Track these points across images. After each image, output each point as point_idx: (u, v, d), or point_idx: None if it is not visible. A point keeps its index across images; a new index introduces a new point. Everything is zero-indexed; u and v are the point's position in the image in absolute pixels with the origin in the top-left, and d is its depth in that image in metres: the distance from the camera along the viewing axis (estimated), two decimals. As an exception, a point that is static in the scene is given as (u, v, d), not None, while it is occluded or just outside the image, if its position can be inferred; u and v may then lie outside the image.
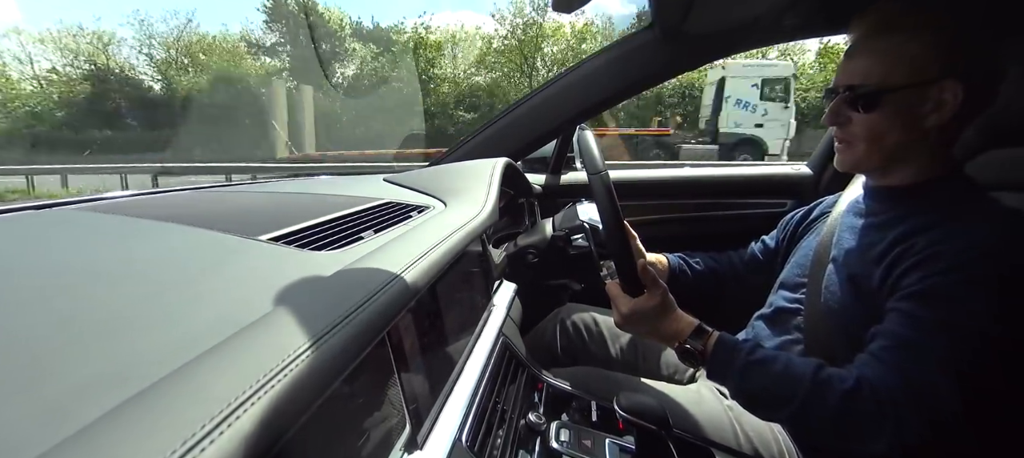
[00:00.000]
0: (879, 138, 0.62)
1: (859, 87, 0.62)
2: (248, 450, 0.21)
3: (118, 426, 0.19)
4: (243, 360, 0.24)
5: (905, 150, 0.63)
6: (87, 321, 0.28)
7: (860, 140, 0.64)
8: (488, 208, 0.72)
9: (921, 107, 0.59)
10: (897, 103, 0.60)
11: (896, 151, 0.63)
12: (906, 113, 0.60)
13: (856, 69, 0.62)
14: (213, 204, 0.66)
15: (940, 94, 0.57)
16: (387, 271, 0.40)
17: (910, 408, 0.50)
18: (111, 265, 0.38)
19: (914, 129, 0.60)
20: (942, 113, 0.58)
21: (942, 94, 0.57)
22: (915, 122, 0.60)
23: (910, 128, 0.60)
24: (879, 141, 0.63)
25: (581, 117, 1.15)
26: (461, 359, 0.62)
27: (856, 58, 0.63)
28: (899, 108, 0.60)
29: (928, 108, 0.59)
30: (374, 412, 0.40)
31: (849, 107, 0.64)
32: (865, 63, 0.61)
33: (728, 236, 1.14)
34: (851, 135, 0.65)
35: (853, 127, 0.64)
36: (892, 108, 0.60)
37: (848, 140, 0.66)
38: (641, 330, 0.71)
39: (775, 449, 0.69)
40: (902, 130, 0.61)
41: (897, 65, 0.59)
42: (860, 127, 0.63)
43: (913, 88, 0.58)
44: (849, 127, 0.65)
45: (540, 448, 0.58)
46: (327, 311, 0.31)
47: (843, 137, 0.67)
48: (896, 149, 0.63)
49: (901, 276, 0.57)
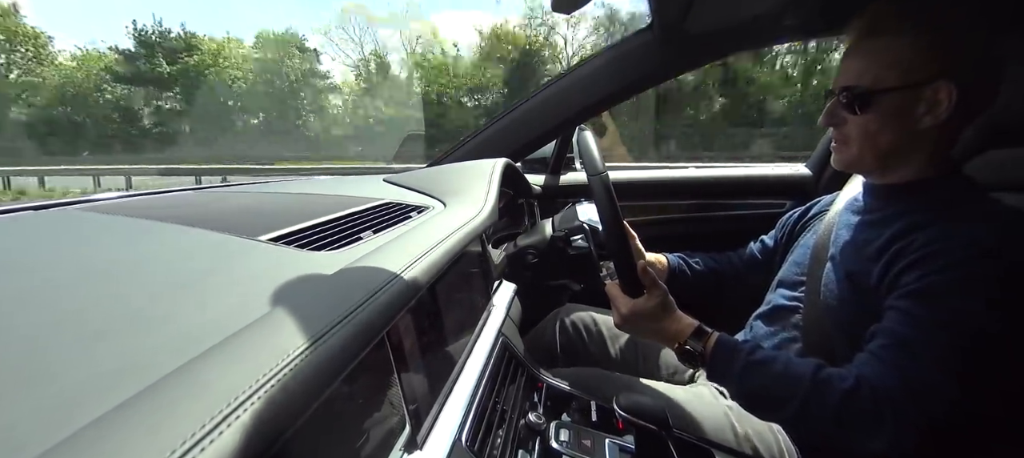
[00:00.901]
0: (873, 138, 0.63)
1: (854, 88, 0.62)
2: (248, 449, 0.21)
3: (118, 425, 0.19)
4: (243, 360, 0.24)
5: (900, 150, 0.63)
6: (87, 320, 0.28)
7: (855, 140, 0.65)
8: (488, 208, 0.72)
9: (915, 108, 0.59)
10: (890, 104, 0.60)
11: (891, 151, 0.63)
12: (900, 114, 0.60)
13: (851, 70, 0.63)
14: (213, 204, 0.66)
15: (934, 95, 0.58)
16: (387, 271, 0.40)
17: (909, 407, 0.50)
18: (111, 265, 0.38)
19: (908, 129, 0.61)
20: (936, 114, 0.58)
21: (936, 95, 0.57)
22: (909, 123, 0.60)
23: (904, 129, 0.61)
24: (873, 141, 0.63)
25: (580, 117, 1.15)
26: (461, 359, 0.62)
27: (851, 59, 0.63)
28: (892, 109, 0.60)
29: (922, 109, 0.59)
30: (374, 412, 0.40)
31: (844, 109, 0.64)
32: (860, 64, 0.62)
33: (728, 236, 1.14)
34: (846, 135, 0.66)
35: (848, 128, 0.65)
36: (885, 109, 0.61)
37: (843, 140, 0.67)
38: (641, 331, 0.71)
39: (775, 449, 0.69)
40: (896, 131, 0.61)
41: (890, 67, 0.59)
42: (854, 128, 0.64)
43: (906, 89, 0.59)
44: (844, 128, 0.66)
45: (540, 448, 0.57)
46: (327, 311, 0.31)
47: (839, 137, 0.68)
48: (891, 149, 0.63)
49: (899, 274, 0.57)
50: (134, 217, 0.52)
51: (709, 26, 1.01)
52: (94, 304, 0.30)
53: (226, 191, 0.84)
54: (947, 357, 0.51)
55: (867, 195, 0.71)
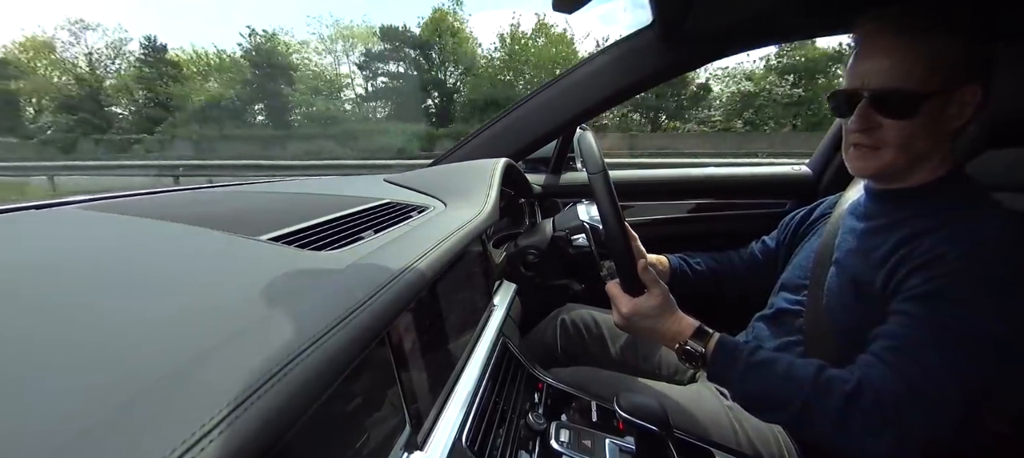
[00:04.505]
0: (910, 144, 0.59)
1: (892, 91, 0.57)
2: (248, 450, 0.21)
3: (118, 425, 0.19)
4: (243, 360, 0.24)
5: (927, 154, 0.61)
6: (87, 320, 0.28)
7: (890, 146, 0.60)
8: (488, 208, 0.72)
9: (948, 110, 0.57)
10: (933, 108, 0.57)
11: (923, 156, 0.61)
12: (936, 118, 0.57)
13: (880, 70, 0.58)
14: (213, 204, 0.66)
15: (963, 97, 0.56)
16: (387, 271, 0.40)
17: (912, 410, 0.50)
18: (111, 264, 0.38)
19: (940, 133, 0.59)
20: (964, 116, 0.57)
21: (964, 97, 0.56)
22: (942, 126, 0.58)
23: (937, 132, 0.59)
24: (909, 146, 0.59)
25: (581, 117, 1.15)
26: (461, 359, 0.62)
27: (875, 59, 0.59)
28: (931, 113, 0.57)
29: (953, 111, 0.57)
30: (374, 412, 0.40)
31: (879, 113, 0.59)
32: (889, 64, 0.57)
33: (728, 236, 1.14)
34: (880, 141, 0.60)
35: (883, 133, 0.60)
36: (927, 114, 0.57)
37: (874, 146, 0.61)
38: (641, 330, 0.71)
39: (775, 449, 0.68)
40: (932, 135, 0.59)
41: (934, 69, 0.55)
42: (892, 133, 0.59)
43: (944, 93, 0.56)
44: (878, 133, 0.60)
45: (540, 448, 0.57)
46: (327, 311, 0.31)
47: (869, 143, 0.62)
48: (923, 154, 0.60)
49: (904, 278, 0.56)
50: (134, 216, 0.52)
51: (710, 25, 1.00)
52: (93, 303, 0.30)
53: (227, 191, 0.84)
54: (951, 360, 0.51)
55: (870, 200, 0.69)
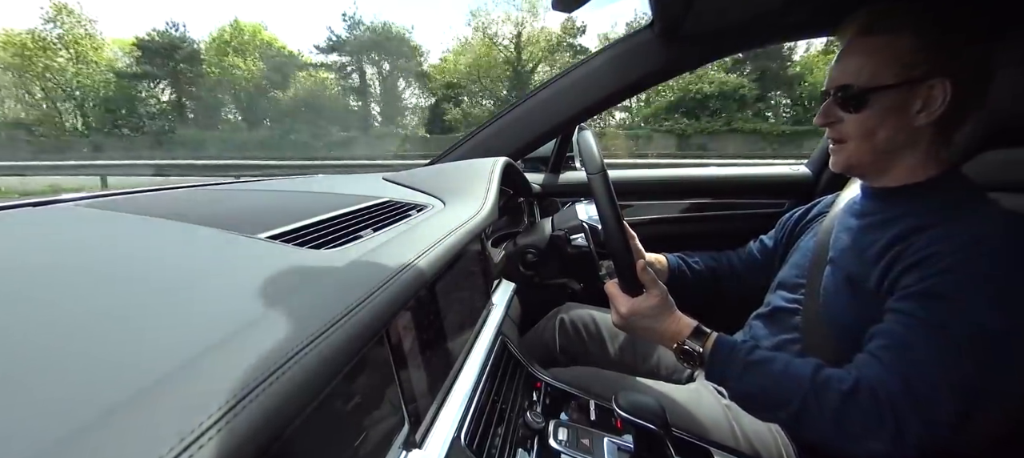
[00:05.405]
0: (870, 136, 0.63)
1: (849, 87, 0.63)
2: (246, 448, 0.21)
3: (116, 423, 0.19)
4: (241, 358, 0.24)
5: (896, 148, 0.63)
6: (85, 318, 0.28)
7: (852, 139, 0.65)
8: (487, 207, 0.72)
9: (911, 105, 0.60)
10: (886, 101, 0.61)
11: (887, 148, 0.63)
12: (896, 111, 0.60)
13: (847, 70, 0.63)
14: (212, 202, 0.66)
15: (929, 92, 0.58)
16: (386, 269, 0.40)
17: (909, 408, 0.50)
18: (109, 262, 0.38)
19: (904, 127, 0.61)
20: (931, 111, 0.59)
21: (931, 92, 0.58)
22: (905, 120, 0.61)
23: (900, 126, 0.61)
24: (870, 139, 0.63)
25: (580, 116, 1.15)
26: (460, 358, 0.62)
27: (847, 59, 0.63)
28: (888, 106, 0.61)
29: (917, 106, 0.59)
30: (373, 410, 0.40)
31: (840, 108, 0.65)
32: (855, 63, 0.62)
33: (727, 236, 1.14)
34: (843, 134, 0.66)
35: (844, 127, 0.65)
36: (881, 107, 0.61)
37: (841, 140, 0.67)
38: (639, 330, 0.71)
39: (774, 449, 0.69)
40: (892, 128, 0.62)
41: (887, 64, 0.59)
42: (851, 126, 0.64)
43: (903, 86, 0.59)
44: (841, 127, 0.66)
45: (539, 447, 0.58)
46: (326, 309, 0.31)
47: (836, 137, 0.68)
48: (887, 146, 0.63)
49: (899, 276, 0.57)
50: (132, 214, 0.52)
51: (710, 25, 1.01)
52: (91, 302, 0.30)
53: (225, 189, 0.84)
54: (947, 358, 0.51)
55: (865, 198, 0.71)
